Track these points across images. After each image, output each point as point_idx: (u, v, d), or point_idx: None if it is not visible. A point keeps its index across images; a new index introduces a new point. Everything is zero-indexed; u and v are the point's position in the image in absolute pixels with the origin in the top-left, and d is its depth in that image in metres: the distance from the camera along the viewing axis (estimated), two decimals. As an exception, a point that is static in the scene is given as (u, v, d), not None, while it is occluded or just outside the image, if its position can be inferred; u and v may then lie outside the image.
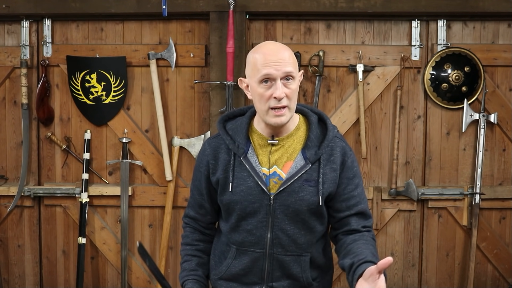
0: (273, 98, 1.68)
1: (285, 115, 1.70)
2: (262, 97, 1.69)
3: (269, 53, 1.69)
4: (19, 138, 3.59)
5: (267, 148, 1.78)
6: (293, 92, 1.70)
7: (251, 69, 1.72)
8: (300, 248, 1.82)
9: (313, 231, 1.83)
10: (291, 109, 1.72)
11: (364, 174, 3.55)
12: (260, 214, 1.77)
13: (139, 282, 3.62)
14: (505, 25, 3.49)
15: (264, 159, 1.78)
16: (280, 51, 1.70)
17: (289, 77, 1.69)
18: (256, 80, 1.70)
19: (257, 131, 1.80)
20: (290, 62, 1.69)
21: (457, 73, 3.45)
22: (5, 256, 3.66)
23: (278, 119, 1.70)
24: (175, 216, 3.57)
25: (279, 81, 1.67)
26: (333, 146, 1.80)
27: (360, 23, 3.50)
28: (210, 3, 3.36)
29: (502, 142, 3.54)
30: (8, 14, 3.44)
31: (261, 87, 1.69)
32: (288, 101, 1.69)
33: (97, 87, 3.51)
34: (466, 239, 3.55)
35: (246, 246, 1.82)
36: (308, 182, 1.76)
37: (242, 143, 1.78)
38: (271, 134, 1.78)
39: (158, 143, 3.54)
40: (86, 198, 3.49)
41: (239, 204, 1.78)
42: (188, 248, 1.95)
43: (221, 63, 3.36)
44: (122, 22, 3.54)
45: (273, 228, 1.78)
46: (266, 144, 1.78)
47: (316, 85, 3.46)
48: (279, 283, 1.83)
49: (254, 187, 1.76)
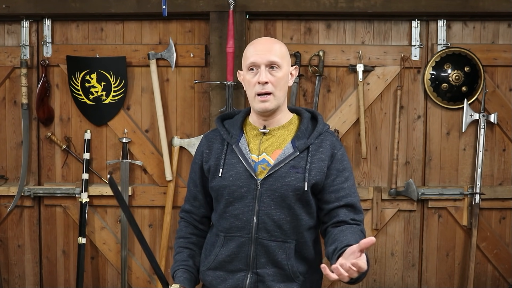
0: (258, 84, 1.80)
1: (270, 101, 1.81)
2: (250, 84, 1.83)
3: (258, 43, 1.86)
4: (19, 138, 3.59)
5: (259, 137, 1.88)
6: (278, 80, 1.81)
7: (243, 60, 1.87)
8: (285, 235, 1.83)
9: (299, 219, 1.85)
10: (276, 97, 1.82)
11: (364, 174, 3.55)
12: (247, 198, 1.82)
13: (139, 282, 3.62)
14: (505, 25, 3.49)
15: (254, 147, 1.88)
16: (268, 42, 1.86)
17: (274, 66, 1.81)
18: (245, 68, 1.85)
19: (250, 124, 1.91)
20: (276, 53, 1.82)
21: (457, 73, 3.45)
22: (5, 256, 3.66)
23: (263, 104, 1.81)
24: (175, 216, 3.57)
25: (264, 68, 1.80)
26: (323, 139, 1.88)
27: (360, 23, 3.50)
28: (210, 3, 3.36)
29: (502, 142, 3.54)
30: (8, 14, 3.44)
31: (249, 74, 1.83)
32: (273, 88, 1.81)
33: (97, 87, 3.51)
34: (466, 239, 3.55)
35: (233, 232, 1.86)
36: (295, 169, 1.82)
37: (235, 133, 1.89)
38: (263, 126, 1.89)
39: (158, 143, 3.54)
40: (86, 198, 3.49)
41: (227, 188, 1.84)
42: (181, 241, 2.00)
43: (221, 63, 3.36)
44: (122, 22, 3.54)
45: (259, 213, 1.83)
46: (258, 133, 1.88)
47: (316, 85, 3.46)
48: (263, 270, 1.84)
49: (242, 172, 1.83)
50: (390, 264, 3.60)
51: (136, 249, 3.62)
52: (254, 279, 1.84)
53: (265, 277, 1.84)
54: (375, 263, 3.60)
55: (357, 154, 3.53)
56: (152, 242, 3.61)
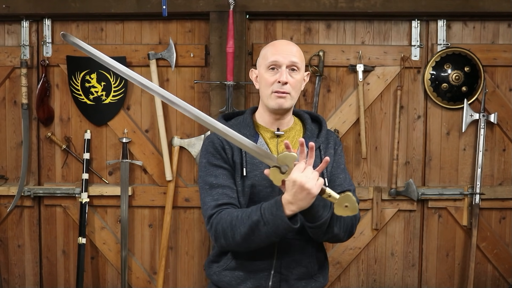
0: (277, 83, 1.83)
1: (287, 99, 1.84)
2: (268, 82, 1.85)
3: (279, 44, 1.89)
4: (19, 138, 3.59)
5: (275, 139, 1.90)
6: (296, 82, 1.85)
7: (262, 58, 1.90)
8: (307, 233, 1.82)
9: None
10: (292, 97, 1.86)
11: (364, 174, 3.55)
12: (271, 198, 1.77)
13: (139, 282, 3.62)
14: (505, 25, 3.49)
15: (273, 148, 1.90)
16: (289, 44, 1.89)
17: (294, 68, 1.85)
18: (265, 67, 1.86)
19: (261, 125, 1.92)
20: (297, 55, 1.87)
21: (457, 73, 3.45)
22: (5, 256, 3.67)
23: (280, 100, 1.83)
24: (175, 216, 3.57)
25: (285, 68, 1.83)
26: (327, 137, 1.98)
27: (360, 23, 3.50)
28: (210, 3, 3.36)
29: (502, 142, 3.54)
30: (8, 14, 3.44)
31: (268, 73, 1.85)
32: (291, 89, 1.84)
33: (97, 87, 3.51)
34: (466, 239, 3.55)
35: None
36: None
37: (250, 134, 1.89)
38: (275, 127, 1.91)
39: (158, 143, 3.54)
40: (86, 198, 3.49)
41: (253, 188, 1.83)
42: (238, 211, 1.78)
43: (221, 63, 3.36)
44: (122, 22, 3.54)
45: None
46: (273, 136, 1.91)
47: (316, 85, 3.46)
48: (288, 270, 1.83)
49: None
50: (390, 264, 3.60)
51: (136, 249, 3.62)
52: (278, 278, 1.83)
53: (289, 276, 1.84)
54: (375, 263, 3.60)
55: (357, 154, 3.53)
56: (152, 242, 3.61)
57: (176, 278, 3.63)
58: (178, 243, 3.60)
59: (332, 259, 3.56)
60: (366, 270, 3.61)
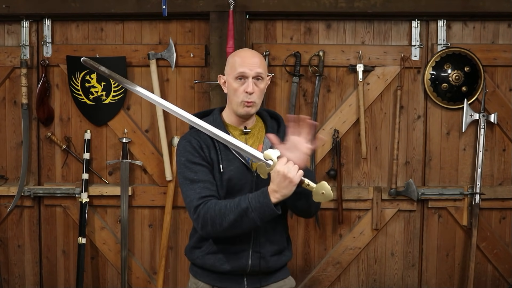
0: (245, 93, 2.05)
1: (253, 107, 2.08)
2: (236, 91, 2.07)
3: (245, 56, 2.09)
4: (19, 138, 3.59)
5: (243, 136, 2.12)
6: (260, 91, 2.09)
7: (230, 68, 2.10)
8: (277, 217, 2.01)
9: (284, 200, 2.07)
10: (257, 104, 2.10)
11: (364, 174, 3.55)
12: (246, 189, 2.04)
13: (139, 282, 3.62)
14: (505, 25, 3.49)
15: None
16: (254, 56, 2.10)
17: (259, 77, 2.08)
18: (233, 77, 2.07)
19: (230, 124, 2.13)
20: (261, 66, 2.09)
21: (457, 73, 3.45)
22: (5, 256, 3.66)
23: (248, 109, 2.07)
24: (175, 216, 3.57)
25: (251, 79, 2.06)
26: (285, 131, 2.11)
27: (360, 23, 3.50)
28: (210, 3, 3.36)
29: (502, 142, 3.54)
30: (8, 14, 3.44)
31: (236, 83, 2.07)
32: (256, 97, 2.07)
33: (97, 87, 3.51)
34: (466, 239, 3.55)
35: None
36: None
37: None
38: (242, 126, 2.12)
39: (158, 143, 3.54)
40: (86, 198, 3.49)
41: (230, 182, 2.03)
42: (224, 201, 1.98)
43: (221, 63, 3.36)
44: (122, 22, 3.54)
45: None
46: (241, 133, 2.12)
47: (316, 85, 3.46)
48: (264, 248, 2.08)
49: (240, 166, 2.05)
50: (390, 264, 3.60)
51: (136, 249, 3.62)
52: (256, 256, 2.07)
53: (265, 254, 2.08)
54: (375, 263, 3.60)
55: (357, 154, 3.53)
56: (152, 242, 3.61)
57: (176, 278, 3.63)
58: (178, 243, 3.60)
59: (332, 259, 3.56)
60: (366, 270, 3.61)
